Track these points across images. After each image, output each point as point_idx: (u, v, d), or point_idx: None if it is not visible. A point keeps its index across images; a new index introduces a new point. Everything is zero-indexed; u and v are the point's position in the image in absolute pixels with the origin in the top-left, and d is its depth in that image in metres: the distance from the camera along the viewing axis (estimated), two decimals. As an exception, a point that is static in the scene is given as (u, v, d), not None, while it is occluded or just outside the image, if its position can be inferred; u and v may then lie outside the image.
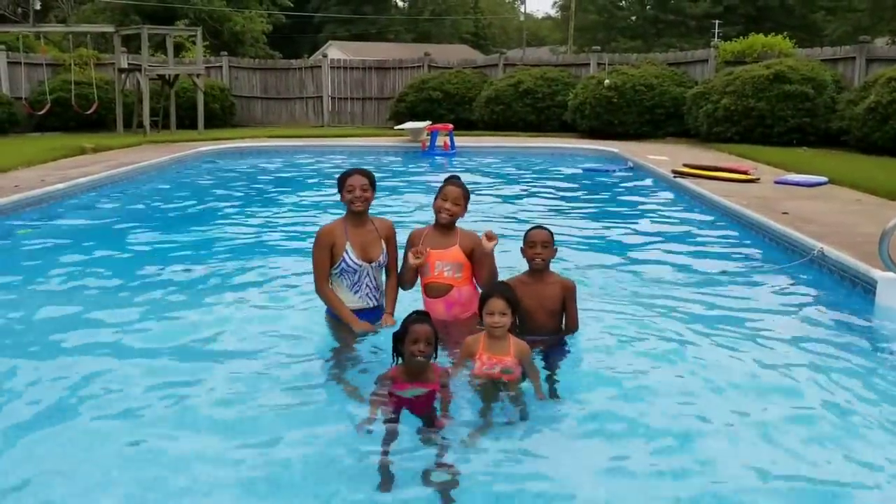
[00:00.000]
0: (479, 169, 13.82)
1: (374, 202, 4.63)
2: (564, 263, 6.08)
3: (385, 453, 3.28)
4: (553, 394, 3.91)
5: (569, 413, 3.73)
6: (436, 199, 4.55)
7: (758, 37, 19.23)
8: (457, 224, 4.61)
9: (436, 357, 3.75)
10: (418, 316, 3.72)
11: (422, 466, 3.21)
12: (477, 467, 3.22)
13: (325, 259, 4.53)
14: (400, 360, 3.74)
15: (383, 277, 4.74)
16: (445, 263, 4.49)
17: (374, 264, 4.59)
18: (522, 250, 4.45)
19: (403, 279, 4.67)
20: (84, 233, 8.44)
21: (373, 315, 4.62)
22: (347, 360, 4.33)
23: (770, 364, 4.37)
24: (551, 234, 4.44)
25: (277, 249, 7.34)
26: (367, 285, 4.60)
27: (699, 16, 46.35)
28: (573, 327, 4.49)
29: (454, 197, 4.50)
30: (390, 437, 3.42)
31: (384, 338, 4.24)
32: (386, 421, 3.54)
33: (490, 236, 4.39)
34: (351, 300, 4.58)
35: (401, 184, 11.99)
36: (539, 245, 4.35)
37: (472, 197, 4.71)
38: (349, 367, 4.26)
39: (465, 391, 3.78)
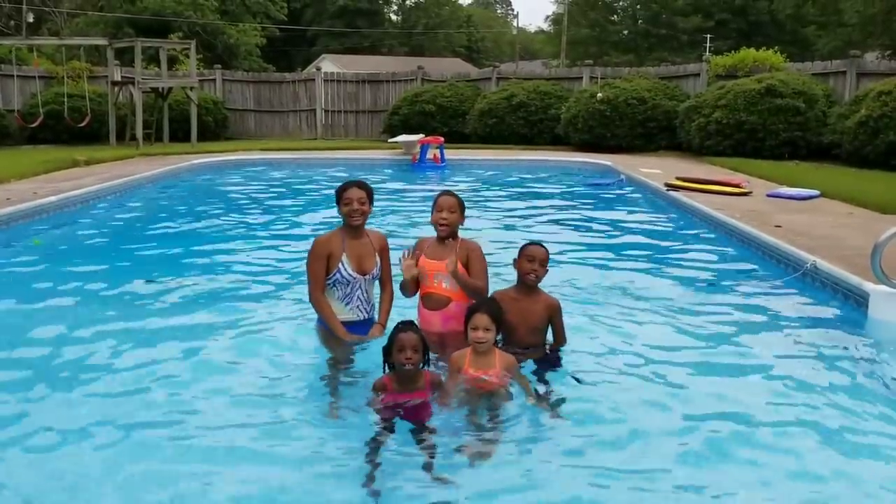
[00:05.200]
0: (470, 182, 13.83)
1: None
2: (555, 275, 6.05)
3: (374, 462, 3.29)
4: (552, 410, 3.86)
5: (556, 426, 3.70)
6: (432, 213, 4.55)
7: (749, 51, 19.34)
8: (460, 234, 4.59)
9: (426, 365, 3.75)
10: (404, 325, 3.74)
11: (414, 473, 3.22)
12: (468, 479, 3.20)
13: (321, 268, 4.52)
14: (392, 371, 3.74)
15: (375, 290, 4.73)
16: (443, 275, 4.47)
17: (367, 277, 4.59)
18: (516, 263, 4.39)
19: (404, 287, 4.65)
20: (75, 246, 8.40)
21: (363, 328, 4.61)
22: (337, 371, 4.32)
23: (762, 377, 4.36)
24: (549, 252, 4.42)
25: (270, 261, 7.30)
26: (358, 297, 4.60)
27: (691, 30, 46.69)
28: (561, 342, 4.47)
29: (448, 206, 4.50)
30: (381, 444, 3.44)
31: (373, 347, 4.23)
32: (381, 429, 3.55)
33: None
34: (342, 312, 4.57)
35: (390, 196, 11.97)
36: (538, 262, 4.32)
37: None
38: (339, 377, 4.26)
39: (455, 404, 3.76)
